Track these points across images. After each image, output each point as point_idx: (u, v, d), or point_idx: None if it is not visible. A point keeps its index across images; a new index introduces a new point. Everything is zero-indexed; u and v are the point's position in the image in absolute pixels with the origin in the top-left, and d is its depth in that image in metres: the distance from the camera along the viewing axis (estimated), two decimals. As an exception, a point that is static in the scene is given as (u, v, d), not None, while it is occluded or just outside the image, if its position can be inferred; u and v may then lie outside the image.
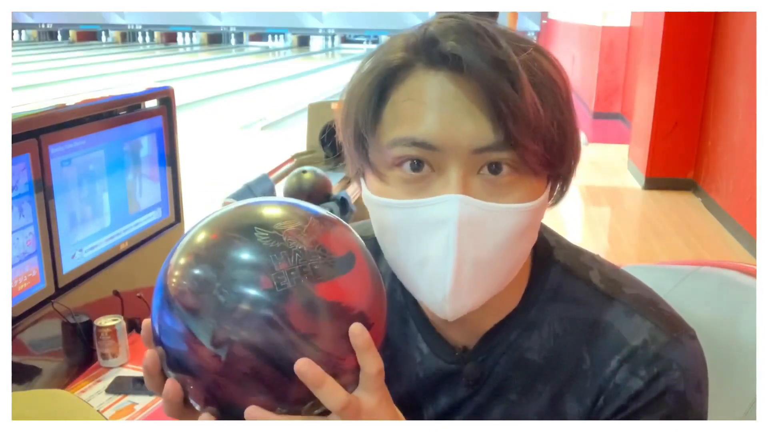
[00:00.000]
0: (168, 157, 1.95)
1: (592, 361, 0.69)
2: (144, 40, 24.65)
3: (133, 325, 1.68)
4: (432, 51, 0.63)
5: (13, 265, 1.35)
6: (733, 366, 0.88)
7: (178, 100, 2.06)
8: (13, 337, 1.36)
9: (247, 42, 24.14)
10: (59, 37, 24.48)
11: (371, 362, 0.58)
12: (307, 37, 23.44)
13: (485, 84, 0.60)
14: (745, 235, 4.01)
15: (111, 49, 21.37)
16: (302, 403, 0.57)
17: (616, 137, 7.24)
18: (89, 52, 19.55)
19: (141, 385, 1.47)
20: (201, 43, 23.91)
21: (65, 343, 1.54)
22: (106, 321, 1.57)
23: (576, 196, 5.12)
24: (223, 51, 21.57)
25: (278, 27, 22.97)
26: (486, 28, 0.62)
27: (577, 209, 4.89)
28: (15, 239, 1.36)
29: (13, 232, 1.35)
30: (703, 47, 4.99)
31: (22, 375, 1.42)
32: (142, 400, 1.43)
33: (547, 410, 0.71)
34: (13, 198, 1.35)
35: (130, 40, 24.53)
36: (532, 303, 0.72)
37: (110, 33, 24.68)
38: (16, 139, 1.37)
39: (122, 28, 24.14)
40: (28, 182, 1.40)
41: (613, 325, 0.69)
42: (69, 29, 24.26)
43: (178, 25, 23.42)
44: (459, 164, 0.62)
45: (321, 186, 2.82)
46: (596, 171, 5.87)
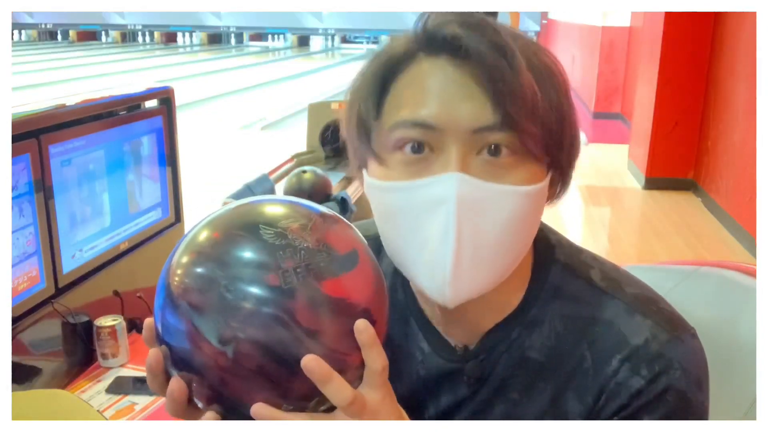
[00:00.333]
0: (168, 157, 1.95)
1: (594, 359, 0.69)
2: (144, 40, 24.65)
3: (133, 325, 1.68)
4: (433, 38, 0.64)
5: (13, 265, 1.35)
6: (733, 366, 0.88)
7: (178, 100, 2.06)
8: (13, 337, 1.36)
9: (247, 42, 24.14)
10: (59, 37, 24.48)
11: (376, 358, 0.58)
12: (307, 37, 23.44)
13: (484, 66, 0.62)
14: (745, 235, 4.01)
15: (111, 49, 21.37)
16: (308, 399, 0.57)
17: (616, 137, 7.24)
18: (89, 52, 19.55)
19: (141, 385, 1.48)
20: (201, 43, 23.91)
21: (65, 343, 1.54)
22: (106, 321, 1.57)
23: (576, 196, 5.11)
24: (223, 51, 21.57)
25: (278, 27, 22.97)
26: (486, 19, 0.64)
27: (577, 209, 4.89)
28: (15, 239, 1.36)
29: (13, 232, 1.35)
30: (703, 47, 4.99)
31: (22, 375, 1.42)
32: (142, 400, 1.43)
33: (548, 409, 0.71)
34: (13, 198, 1.35)
35: (130, 40, 24.53)
36: (533, 302, 0.72)
37: (110, 33, 24.68)
38: (16, 139, 1.37)
39: (122, 28, 24.15)
40: (28, 182, 1.40)
41: (614, 324, 0.69)
42: (69, 29, 24.27)
43: (178, 25, 23.43)
44: (459, 144, 0.63)
45: (321, 186, 2.81)
46: (596, 171, 5.87)
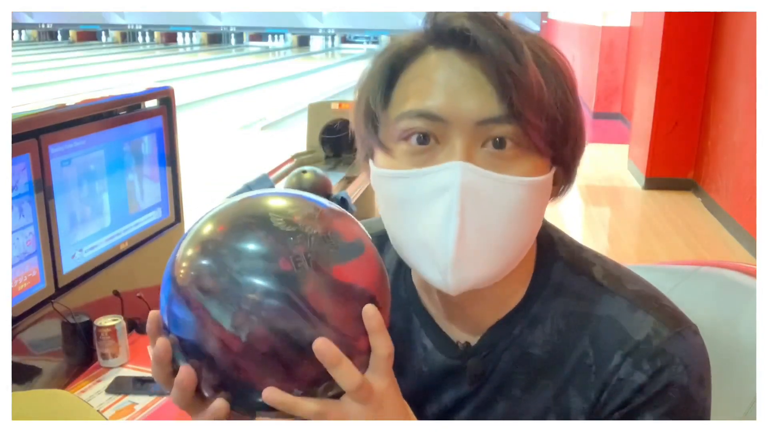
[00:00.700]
0: (168, 157, 1.95)
1: (596, 355, 0.69)
2: (144, 40, 24.66)
3: (133, 325, 1.68)
4: (442, 31, 0.65)
5: (13, 265, 1.35)
6: (733, 366, 0.88)
7: (178, 100, 2.06)
8: (13, 337, 1.36)
9: (247, 42, 24.15)
10: (59, 37, 24.49)
11: (383, 344, 0.59)
12: (307, 37, 23.45)
13: (492, 58, 0.62)
14: (745, 235, 4.01)
15: (111, 49, 21.38)
16: (317, 384, 0.58)
17: (616, 137, 7.24)
18: (89, 52, 19.56)
19: (141, 385, 1.47)
20: (201, 43, 23.92)
21: (65, 343, 1.54)
22: (106, 321, 1.56)
23: (576, 196, 5.11)
24: (223, 51, 21.58)
25: (278, 27, 22.99)
26: (494, 14, 0.65)
27: (577, 209, 4.89)
28: (15, 239, 1.36)
29: (13, 232, 1.35)
30: (703, 47, 4.99)
31: (22, 375, 1.42)
32: (142, 400, 1.43)
33: (550, 406, 0.71)
34: (13, 198, 1.35)
35: (130, 40, 24.55)
36: (535, 298, 0.72)
37: (110, 33, 24.70)
38: (16, 139, 1.37)
39: (122, 28, 24.17)
40: (28, 182, 1.40)
41: (616, 320, 0.70)
42: (69, 29, 24.28)
43: (178, 25, 23.44)
44: (464, 135, 0.64)
45: (321, 186, 2.82)
46: (596, 171, 5.87)
